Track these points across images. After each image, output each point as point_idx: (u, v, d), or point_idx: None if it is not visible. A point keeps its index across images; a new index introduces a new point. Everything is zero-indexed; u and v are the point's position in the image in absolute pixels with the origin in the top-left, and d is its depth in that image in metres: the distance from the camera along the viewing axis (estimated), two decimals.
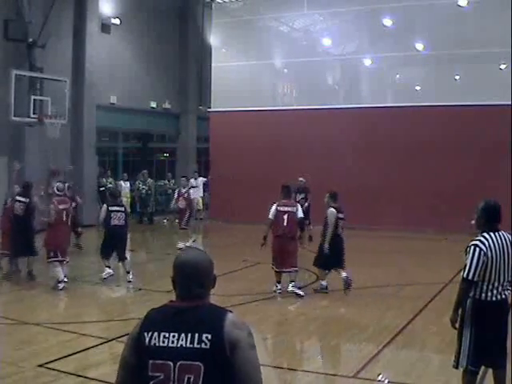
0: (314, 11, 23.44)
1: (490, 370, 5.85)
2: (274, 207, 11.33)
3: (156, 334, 2.70)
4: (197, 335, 2.66)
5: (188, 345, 2.66)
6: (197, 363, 2.63)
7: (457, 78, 21.16)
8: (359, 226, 19.80)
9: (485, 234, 5.48)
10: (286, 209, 11.27)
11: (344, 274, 11.06)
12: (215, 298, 2.85)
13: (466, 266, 5.44)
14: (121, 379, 2.79)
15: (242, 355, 2.66)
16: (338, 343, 8.61)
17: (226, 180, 22.59)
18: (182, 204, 16.69)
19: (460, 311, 5.55)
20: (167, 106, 25.61)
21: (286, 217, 11.19)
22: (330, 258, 11.12)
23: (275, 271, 11.22)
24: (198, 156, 27.69)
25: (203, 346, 2.64)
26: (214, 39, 24.93)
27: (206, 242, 19.41)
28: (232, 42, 24.99)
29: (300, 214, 11.30)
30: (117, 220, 12.16)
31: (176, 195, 17.16)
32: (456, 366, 5.60)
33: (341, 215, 11.25)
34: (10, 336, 8.46)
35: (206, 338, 2.65)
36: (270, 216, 11.25)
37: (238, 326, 2.71)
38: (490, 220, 5.55)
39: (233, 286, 11.17)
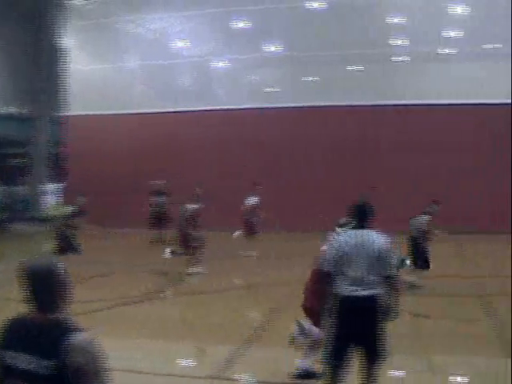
0: (171, 14, 23.33)
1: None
2: None
3: (9, 352, 2.63)
4: (40, 359, 2.57)
5: (33, 369, 2.58)
6: None
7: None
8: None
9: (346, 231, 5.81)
10: None
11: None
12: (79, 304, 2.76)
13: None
14: None
15: (85, 382, 2.57)
16: None
17: (82, 186, 21.91)
18: None
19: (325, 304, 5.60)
20: (19, 110, 24.52)
21: None
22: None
23: None
24: (53, 161, 26.72)
25: (45, 372, 2.56)
26: (69, 42, 24.18)
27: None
28: (87, 45, 24.33)
29: None
30: None
31: None
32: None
33: None
34: None
35: (49, 363, 2.56)
36: None
37: (84, 350, 2.59)
38: (356, 218, 5.74)
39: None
